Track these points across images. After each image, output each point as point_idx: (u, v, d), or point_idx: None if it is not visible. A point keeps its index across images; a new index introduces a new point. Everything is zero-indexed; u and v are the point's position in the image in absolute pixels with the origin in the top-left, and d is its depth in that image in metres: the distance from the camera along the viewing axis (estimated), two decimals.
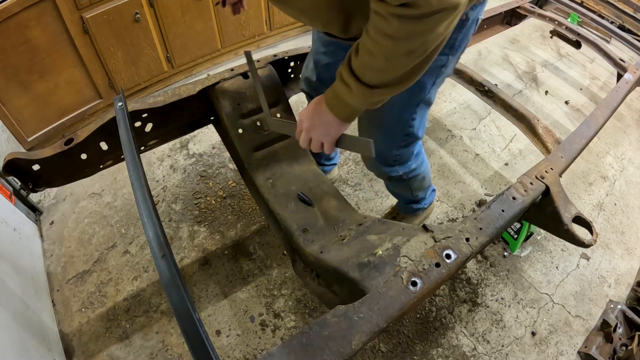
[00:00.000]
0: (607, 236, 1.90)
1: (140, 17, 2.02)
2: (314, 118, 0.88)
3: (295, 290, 1.59)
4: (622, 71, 1.97)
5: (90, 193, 1.91)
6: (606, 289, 1.70)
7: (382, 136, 1.17)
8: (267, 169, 1.32)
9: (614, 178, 2.18)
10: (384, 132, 1.17)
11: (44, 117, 1.96)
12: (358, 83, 0.76)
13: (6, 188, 1.61)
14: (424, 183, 1.46)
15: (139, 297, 1.55)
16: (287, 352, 0.72)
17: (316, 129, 0.88)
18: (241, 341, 1.46)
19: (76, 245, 1.71)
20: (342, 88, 0.80)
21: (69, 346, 1.42)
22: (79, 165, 1.22)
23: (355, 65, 0.76)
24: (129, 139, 0.95)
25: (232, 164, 2.03)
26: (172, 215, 1.82)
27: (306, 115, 0.90)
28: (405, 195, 1.55)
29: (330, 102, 0.85)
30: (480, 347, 1.49)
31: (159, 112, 1.27)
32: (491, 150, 2.24)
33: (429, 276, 0.86)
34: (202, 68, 2.55)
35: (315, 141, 0.90)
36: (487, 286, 1.66)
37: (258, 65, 1.39)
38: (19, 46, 1.71)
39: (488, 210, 1.04)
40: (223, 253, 1.70)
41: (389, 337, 1.49)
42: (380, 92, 0.77)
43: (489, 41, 2.60)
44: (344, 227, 1.18)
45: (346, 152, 2.14)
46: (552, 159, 1.29)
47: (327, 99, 0.85)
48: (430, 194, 1.64)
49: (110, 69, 2.09)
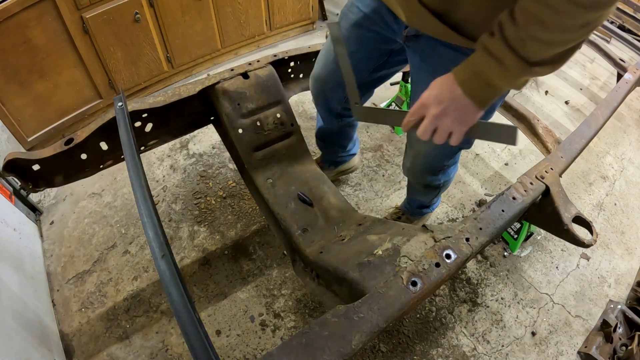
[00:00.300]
0: (607, 236, 1.90)
1: (140, 17, 2.02)
2: (445, 103, 0.72)
3: (295, 290, 1.59)
4: (622, 71, 1.97)
5: (90, 193, 1.91)
6: (606, 289, 1.70)
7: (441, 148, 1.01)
8: (267, 169, 1.32)
9: (614, 178, 2.18)
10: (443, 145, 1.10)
11: (44, 117, 1.96)
12: (516, 58, 0.64)
13: (6, 188, 1.61)
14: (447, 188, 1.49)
15: (139, 297, 1.55)
16: (287, 352, 0.72)
17: (448, 116, 0.73)
18: (241, 341, 1.46)
19: (76, 245, 1.71)
20: (489, 64, 0.67)
21: (69, 346, 1.42)
22: (79, 165, 1.22)
23: (514, 37, 0.63)
24: (129, 139, 0.95)
25: (232, 164, 2.03)
26: (172, 215, 1.82)
27: (434, 99, 0.73)
28: (424, 201, 1.57)
29: (467, 82, 0.71)
30: (480, 347, 1.49)
31: (159, 112, 1.27)
32: (491, 150, 2.24)
33: (429, 276, 0.86)
34: (202, 68, 2.55)
35: (442, 131, 0.75)
36: (487, 286, 1.66)
37: (258, 65, 1.39)
38: (19, 46, 1.71)
39: (488, 210, 1.04)
40: (223, 253, 1.70)
41: (389, 337, 1.49)
42: (537, 70, 0.66)
43: None
44: (344, 227, 1.18)
45: None
46: (552, 159, 1.29)
47: (463, 79, 0.71)
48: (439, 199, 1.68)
49: (110, 69, 2.09)
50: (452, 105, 0.72)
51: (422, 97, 0.76)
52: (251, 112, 1.34)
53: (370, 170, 2.07)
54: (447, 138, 0.76)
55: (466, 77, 0.71)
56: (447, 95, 0.72)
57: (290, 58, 1.51)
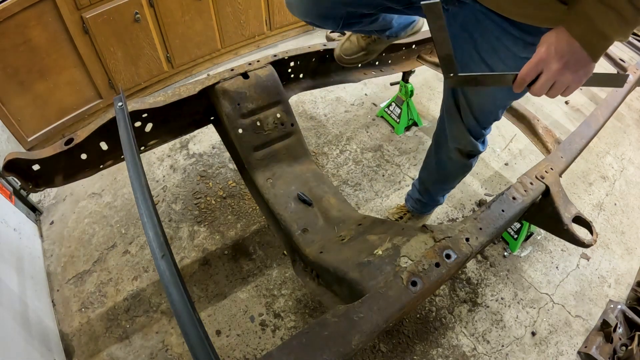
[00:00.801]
0: (607, 236, 1.90)
1: (140, 17, 2.02)
2: (565, 57, 0.72)
3: (295, 290, 1.59)
4: (622, 71, 1.97)
5: (90, 193, 1.91)
6: (606, 289, 1.70)
7: (483, 118, 1.20)
8: (267, 169, 1.32)
9: (614, 178, 2.18)
10: (485, 114, 1.20)
11: (44, 117, 1.96)
12: (633, 8, 0.65)
13: (6, 188, 1.61)
14: None
15: (139, 297, 1.55)
16: (287, 352, 0.72)
17: (569, 70, 0.74)
18: (241, 341, 1.46)
19: (76, 245, 1.71)
20: (607, 16, 0.67)
21: (69, 346, 1.42)
22: (79, 165, 1.22)
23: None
24: (129, 139, 0.95)
25: (232, 164, 2.03)
26: (172, 215, 1.82)
27: (555, 54, 0.73)
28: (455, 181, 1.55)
29: (585, 36, 0.71)
30: (480, 347, 1.49)
31: (159, 112, 1.27)
32: (491, 150, 2.24)
33: (429, 276, 0.86)
34: (202, 68, 2.55)
35: (561, 85, 0.76)
36: (487, 286, 1.66)
37: (258, 65, 1.39)
38: (19, 46, 1.71)
39: (488, 210, 1.04)
40: (223, 253, 1.70)
41: (389, 337, 1.49)
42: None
43: None
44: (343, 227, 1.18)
45: (346, 153, 2.14)
46: (552, 159, 1.29)
47: (579, 33, 0.71)
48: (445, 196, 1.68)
49: (110, 69, 2.09)
50: (573, 60, 0.73)
51: (539, 53, 0.76)
52: (251, 112, 1.34)
53: (370, 170, 2.07)
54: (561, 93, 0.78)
55: (583, 31, 0.71)
56: (567, 49, 0.72)
57: (290, 58, 1.51)
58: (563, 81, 0.75)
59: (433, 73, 2.49)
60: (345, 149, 2.17)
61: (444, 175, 1.56)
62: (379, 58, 1.82)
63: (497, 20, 0.88)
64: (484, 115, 1.21)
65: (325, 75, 1.69)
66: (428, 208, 1.69)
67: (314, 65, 1.62)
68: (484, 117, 1.22)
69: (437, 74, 2.52)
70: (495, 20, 0.88)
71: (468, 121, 1.23)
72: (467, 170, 1.49)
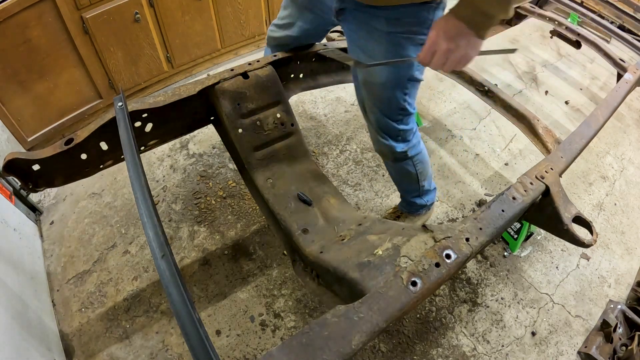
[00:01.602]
0: (607, 236, 1.90)
1: (140, 17, 2.02)
2: (453, 38, 0.86)
3: (295, 290, 1.59)
4: (622, 71, 1.97)
5: (90, 193, 1.91)
6: (606, 289, 1.70)
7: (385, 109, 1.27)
8: (267, 169, 1.32)
9: (614, 178, 2.18)
10: (384, 106, 1.27)
11: (44, 117, 1.96)
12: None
13: (6, 188, 1.61)
14: (426, 168, 1.51)
15: (139, 297, 1.55)
16: (287, 352, 0.72)
17: (458, 50, 0.87)
18: (241, 341, 1.46)
19: (76, 245, 1.71)
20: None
21: (69, 346, 1.42)
22: (79, 165, 1.22)
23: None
24: (129, 139, 0.95)
25: (232, 164, 2.03)
26: (172, 215, 1.82)
27: (444, 37, 0.87)
28: (411, 184, 1.56)
29: (470, 18, 0.84)
30: (480, 347, 1.49)
31: (159, 112, 1.27)
32: (491, 150, 2.24)
33: (429, 276, 0.86)
34: (202, 68, 2.55)
35: (452, 62, 0.90)
36: (487, 286, 1.66)
37: (258, 65, 1.39)
38: (19, 46, 1.71)
39: (488, 210, 1.04)
40: (223, 253, 1.70)
41: (389, 337, 1.49)
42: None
43: (489, 41, 2.61)
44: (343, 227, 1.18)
45: (346, 153, 2.14)
46: (552, 159, 1.29)
47: (464, 15, 0.84)
48: (432, 192, 1.67)
49: (110, 69, 2.09)
50: (460, 39, 0.86)
51: (430, 38, 0.91)
52: (251, 112, 1.34)
53: (370, 170, 2.07)
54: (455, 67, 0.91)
55: (468, 13, 0.84)
56: (455, 31, 0.86)
57: (290, 58, 1.51)
58: (453, 58, 0.89)
59: (433, 73, 2.49)
60: (345, 149, 2.17)
61: (394, 180, 1.63)
62: None
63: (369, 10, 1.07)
64: (383, 103, 1.26)
65: (325, 75, 1.69)
66: (415, 208, 1.68)
67: (314, 65, 1.62)
68: (384, 106, 1.27)
69: (437, 74, 2.52)
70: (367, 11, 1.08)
71: (374, 117, 1.31)
72: (405, 173, 1.50)
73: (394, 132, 1.33)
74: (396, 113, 1.28)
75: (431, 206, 1.72)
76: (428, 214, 1.75)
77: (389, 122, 1.30)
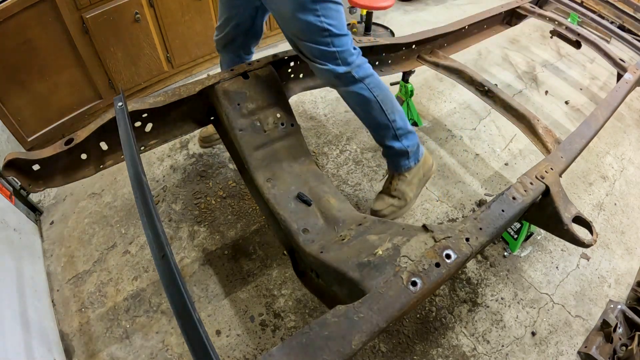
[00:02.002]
0: (607, 236, 1.90)
1: (140, 17, 2.02)
2: None
3: (295, 290, 1.59)
4: (622, 71, 1.97)
5: (90, 193, 1.91)
6: (606, 289, 1.70)
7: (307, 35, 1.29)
8: (267, 169, 1.32)
9: (614, 178, 2.18)
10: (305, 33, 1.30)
11: (44, 117, 1.96)
12: None
13: (6, 188, 1.61)
14: (388, 96, 1.44)
15: (139, 297, 1.55)
16: (287, 352, 0.72)
17: None
18: (241, 341, 1.46)
19: (76, 245, 1.71)
20: None
21: (69, 346, 1.42)
22: (79, 165, 1.22)
23: None
24: (129, 139, 0.95)
25: (232, 164, 2.03)
26: (172, 215, 1.82)
27: None
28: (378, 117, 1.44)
29: None
30: (480, 347, 1.49)
31: (159, 112, 1.27)
32: (491, 150, 2.24)
33: (429, 276, 0.86)
34: (202, 68, 2.55)
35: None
36: (487, 286, 1.66)
37: (258, 65, 1.39)
38: (19, 46, 1.71)
39: (488, 210, 1.04)
40: (223, 253, 1.70)
41: (389, 337, 1.49)
42: None
43: (489, 41, 2.60)
44: (344, 227, 1.18)
45: (346, 153, 2.14)
46: (552, 159, 1.29)
47: None
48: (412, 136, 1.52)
49: (110, 69, 2.09)
50: None
51: None
52: (251, 112, 1.34)
53: (370, 170, 2.07)
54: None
55: None
56: None
57: (290, 58, 1.51)
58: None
59: (433, 73, 2.49)
60: (345, 149, 2.17)
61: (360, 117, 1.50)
62: (379, 58, 1.82)
63: None
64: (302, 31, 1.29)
65: None
66: (397, 160, 1.53)
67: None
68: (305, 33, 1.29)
69: (437, 74, 2.52)
70: None
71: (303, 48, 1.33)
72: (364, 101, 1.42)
73: (329, 55, 1.32)
74: (319, 35, 1.28)
75: (417, 156, 1.55)
76: (418, 168, 1.56)
77: (319, 47, 1.30)
